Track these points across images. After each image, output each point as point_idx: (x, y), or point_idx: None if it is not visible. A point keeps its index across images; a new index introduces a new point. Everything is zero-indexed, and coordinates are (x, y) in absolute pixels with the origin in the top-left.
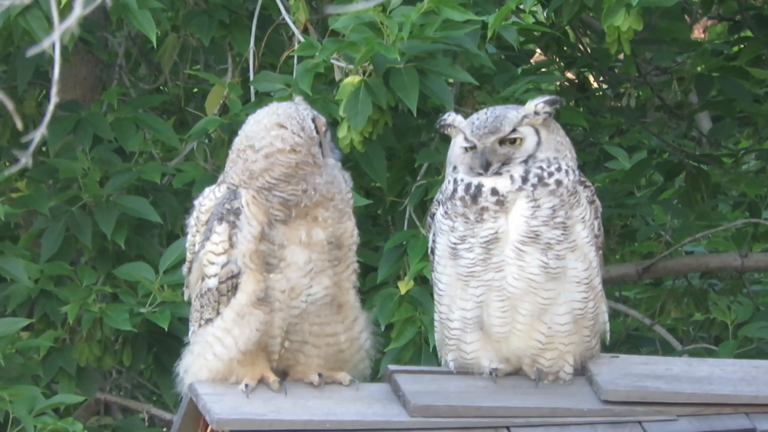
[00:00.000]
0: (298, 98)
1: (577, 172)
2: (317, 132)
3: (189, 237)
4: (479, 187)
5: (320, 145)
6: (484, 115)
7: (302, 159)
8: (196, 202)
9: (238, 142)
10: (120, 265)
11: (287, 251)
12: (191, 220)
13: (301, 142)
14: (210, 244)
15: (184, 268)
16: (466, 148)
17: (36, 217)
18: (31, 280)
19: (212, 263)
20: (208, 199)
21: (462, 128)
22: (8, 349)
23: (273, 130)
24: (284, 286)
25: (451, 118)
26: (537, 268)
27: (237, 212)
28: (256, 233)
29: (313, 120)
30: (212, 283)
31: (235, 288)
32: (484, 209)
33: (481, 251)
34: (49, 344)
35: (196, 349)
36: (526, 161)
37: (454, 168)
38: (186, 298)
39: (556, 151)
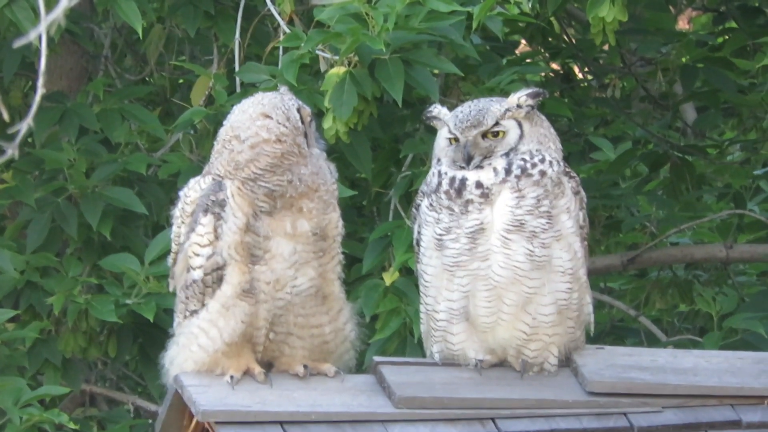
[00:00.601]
0: (283, 88)
1: (561, 164)
2: (302, 122)
3: (174, 228)
4: (464, 180)
5: (305, 135)
6: (467, 108)
7: (287, 149)
8: (181, 193)
9: (224, 132)
10: (106, 257)
11: (272, 243)
12: (176, 212)
13: (287, 132)
14: (195, 236)
15: (169, 260)
16: (450, 141)
17: (22, 208)
18: (16, 271)
19: (197, 255)
20: (193, 191)
21: (446, 121)
22: None
23: (258, 120)
24: (269, 277)
25: (437, 110)
26: (523, 256)
27: (222, 204)
28: (241, 224)
29: (299, 110)
30: (197, 274)
31: (220, 280)
32: (469, 202)
33: (466, 241)
34: (35, 335)
35: (182, 341)
36: (507, 154)
37: (438, 160)
38: (171, 289)
39: (539, 143)
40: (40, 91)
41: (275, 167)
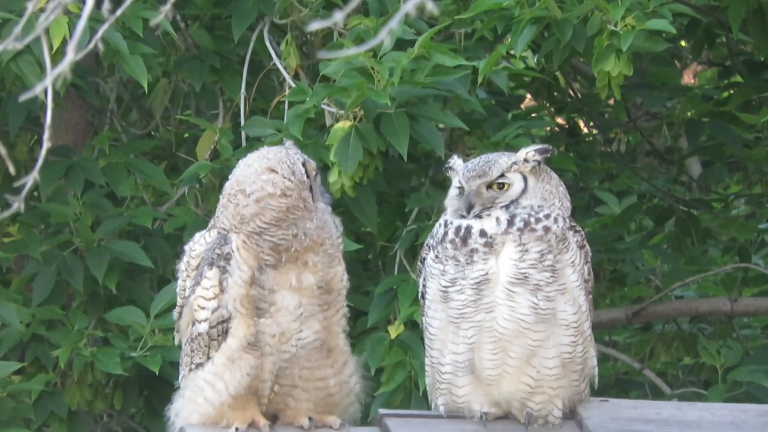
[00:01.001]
0: (288, 143)
1: (567, 220)
2: (308, 176)
3: (179, 282)
4: (468, 229)
5: (311, 189)
6: (477, 159)
7: (293, 203)
8: (186, 247)
9: (229, 186)
10: (111, 310)
11: (277, 296)
12: (181, 265)
13: (292, 186)
14: (200, 289)
15: (175, 313)
16: (459, 191)
17: (28, 262)
18: (22, 324)
19: (203, 308)
20: (198, 245)
21: (458, 171)
22: (0, 393)
23: (263, 175)
24: (274, 330)
25: (453, 161)
26: (527, 308)
27: (227, 257)
28: (246, 278)
29: (304, 164)
30: (203, 327)
31: (225, 332)
32: (474, 251)
33: (471, 293)
34: (41, 388)
35: (187, 394)
36: (508, 206)
37: (445, 211)
38: (177, 342)
39: (543, 199)
40: (46, 144)
41: (280, 221)
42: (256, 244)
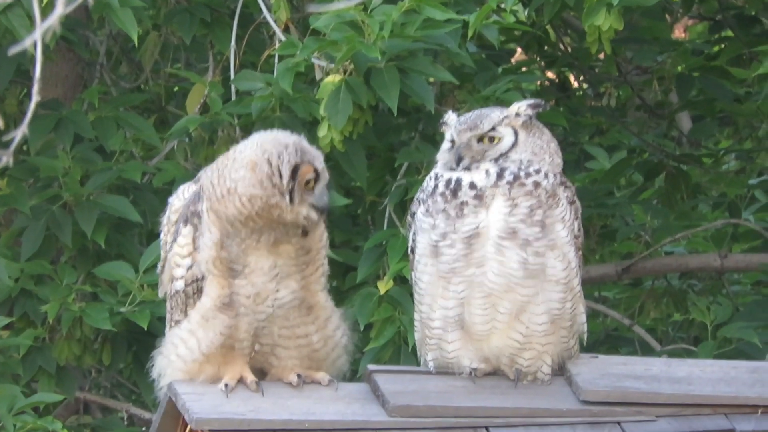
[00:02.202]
0: (299, 137)
1: (557, 176)
2: (294, 179)
3: (162, 236)
4: (459, 181)
5: (291, 192)
6: (469, 113)
7: (256, 212)
8: (169, 200)
9: (232, 150)
10: (100, 265)
11: (251, 258)
12: (164, 219)
13: (259, 195)
14: (177, 246)
15: (159, 267)
16: (451, 144)
17: (17, 216)
18: (11, 279)
19: (179, 266)
20: (178, 199)
21: (451, 125)
22: None
23: (242, 169)
24: (249, 291)
25: (448, 116)
26: (516, 263)
27: (199, 215)
28: (216, 239)
29: (296, 167)
30: (179, 285)
31: (200, 291)
32: (463, 204)
33: (462, 247)
34: (29, 343)
35: (164, 350)
36: (497, 159)
37: (435, 164)
38: (161, 295)
39: (533, 154)
40: (35, 98)
41: (246, 220)
42: (219, 221)
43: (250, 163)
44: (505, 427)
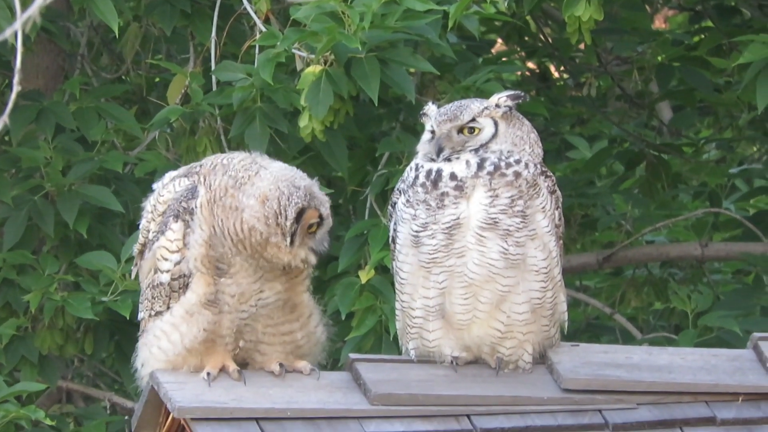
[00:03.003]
0: (313, 181)
1: (538, 166)
2: (297, 222)
3: (143, 222)
4: (439, 172)
5: (293, 236)
6: (450, 105)
7: (251, 244)
8: (155, 186)
9: (241, 158)
10: (82, 254)
11: (237, 258)
12: (147, 205)
13: (260, 230)
14: (164, 240)
15: (135, 249)
16: (431, 135)
17: None
18: None
19: (165, 259)
20: (167, 190)
21: (431, 116)
22: None
23: (253, 199)
24: (234, 291)
25: (428, 107)
26: (497, 254)
27: (192, 212)
28: (207, 237)
29: (302, 210)
30: (164, 278)
31: (186, 286)
32: (444, 195)
33: (443, 237)
34: (12, 332)
35: (146, 341)
36: (477, 150)
37: (416, 155)
38: (133, 277)
39: (513, 144)
40: (16, 89)
41: (237, 244)
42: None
43: (262, 196)
44: (486, 416)
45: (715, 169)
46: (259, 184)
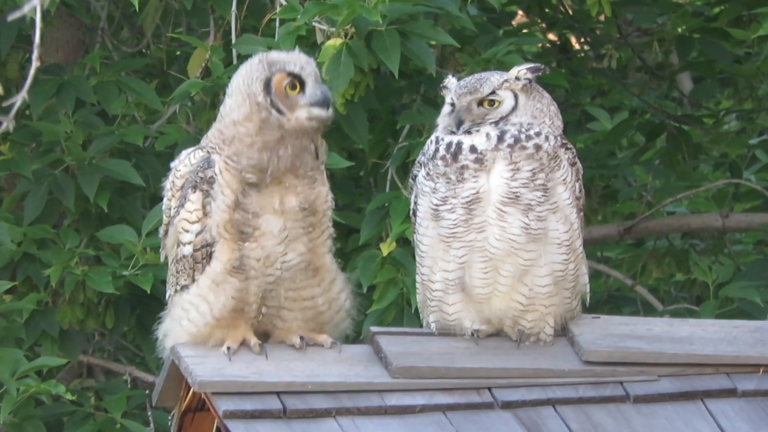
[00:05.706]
0: (260, 55)
1: (558, 138)
2: (269, 92)
3: (165, 201)
4: (459, 144)
5: (272, 104)
6: (470, 77)
7: (258, 130)
8: (172, 165)
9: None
10: (103, 228)
11: (261, 220)
12: (167, 184)
13: (247, 114)
14: (184, 212)
15: (161, 231)
16: (451, 108)
17: (19, 180)
18: (14, 243)
19: (186, 231)
20: (183, 165)
21: (451, 89)
22: None
23: (229, 99)
24: (259, 254)
25: (448, 80)
26: (518, 229)
27: (211, 181)
28: (230, 202)
29: (267, 80)
30: (187, 250)
31: (209, 256)
32: (464, 168)
33: (462, 212)
34: (32, 307)
35: (174, 314)
36: (497, 122)
37: (436, 128)
38: (162, 259)
39: (533, 117)
40: (36, 63)
41: (252, 144)
42: (237, 164)
43: (233, 90)
44: (507, 388)
45: (735, 140)
46: (230, 84)
